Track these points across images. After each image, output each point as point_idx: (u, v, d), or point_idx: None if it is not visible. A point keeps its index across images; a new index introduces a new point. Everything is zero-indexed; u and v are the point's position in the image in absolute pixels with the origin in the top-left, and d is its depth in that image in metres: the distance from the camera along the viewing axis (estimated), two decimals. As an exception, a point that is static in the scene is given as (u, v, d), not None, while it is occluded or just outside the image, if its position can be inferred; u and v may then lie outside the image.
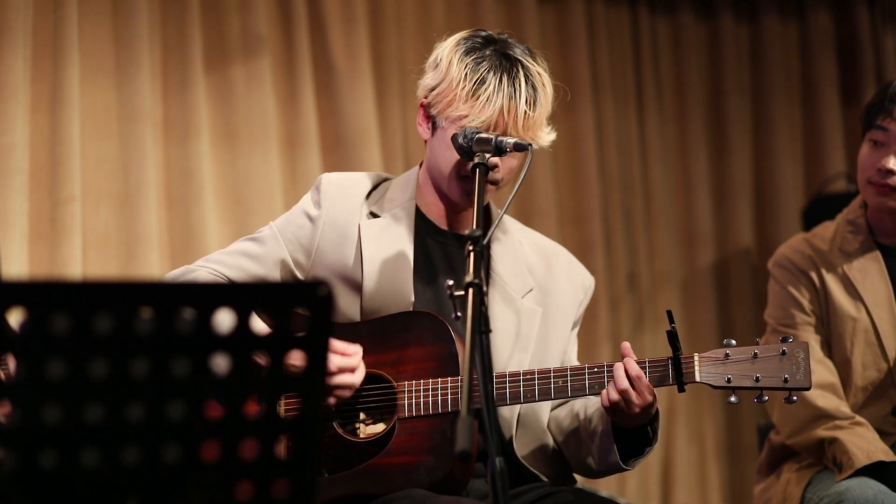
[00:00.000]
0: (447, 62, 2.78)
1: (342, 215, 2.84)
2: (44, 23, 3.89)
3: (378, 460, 2.66)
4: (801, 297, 3.39)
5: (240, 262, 2.83)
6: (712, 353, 2.66)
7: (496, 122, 2.71)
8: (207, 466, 1.49)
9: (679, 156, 5.22)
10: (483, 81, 2.72)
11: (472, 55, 2.76)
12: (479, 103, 2.71)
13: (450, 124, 2.76)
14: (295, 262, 2.83)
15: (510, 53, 2.77)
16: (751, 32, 5.38)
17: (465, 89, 2.73)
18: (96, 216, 3.96)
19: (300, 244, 2.83)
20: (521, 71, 2.74)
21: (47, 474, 1.44)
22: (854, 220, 3.43)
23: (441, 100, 2.77)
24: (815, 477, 3.29)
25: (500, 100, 2.70)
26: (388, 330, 2.73)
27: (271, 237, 2.85)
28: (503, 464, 2.08)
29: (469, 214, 2.89)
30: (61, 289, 1.45)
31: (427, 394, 2.66)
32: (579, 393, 2.67)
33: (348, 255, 2.80)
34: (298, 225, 2.84)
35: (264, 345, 1.50)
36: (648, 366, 2.64)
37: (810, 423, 3.28)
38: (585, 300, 3.00)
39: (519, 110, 2.71)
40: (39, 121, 3.86)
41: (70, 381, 1.43)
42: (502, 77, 2.72)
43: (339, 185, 2.87)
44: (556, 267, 2.97)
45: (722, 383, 2.65)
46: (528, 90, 2.73)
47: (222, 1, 4.24)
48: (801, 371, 2.64)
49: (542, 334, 2.87)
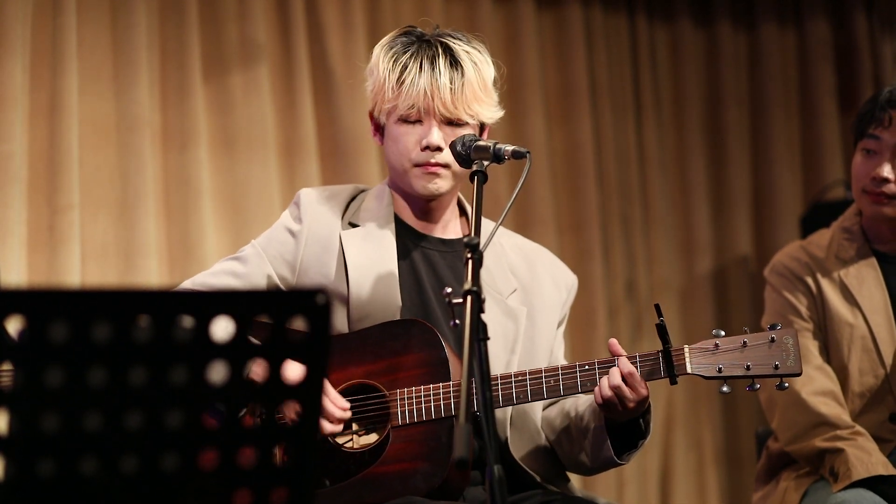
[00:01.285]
0: (375, 62, 2.84)
1: (323, 228, 2.84)
2: (42, 31, 3.89)
3: (374, 469, 2.66)
4: (799, 303, 3.39)
5: (225, 282, 2.83)
6: (702, 344, 2.65)
7: (424, 106, 2.75)
8: (206, 474, 1.49)
9: (677, 163, 5.23)
10: (405, 68, 2.76)
11: (395, 47, 2.81)
12: (403, 89, 2.75)
13: (387, 120, 2.82)
14: (280, 277, 2.83)
15: (433, 40, 2.81)
16: (749, 41, 5.39)
17: (390, 81, 2.77)
18: (95, 224, 3.96)
19: (284, 260, 2.84)
20: (442, 51, 2.77)
21: (46, 483, 1.43)
22: (850, 227, 3.43)
23: (377, 99, 2.83)
24: (812, 487, 3.28)
25: (422, 81, 2.74)
26: (377, 339, 2.73)
27: (254, 255, 2.85)
28: (501, 471, 2.08)
29: (446, 216, 2.91)
30: (60, 297, 1.46)
31: (420, 400, 2.66)
32: (571, 391, 2.67)
33: (331, 267, 2.81)
34: (281, 241, 2.85)
35: (263, 353, 1.50)
36: (639, 360, 2.65)
37: (810, 431, 3.28)
38: (570, 299, 3.01)
39: (442, 87, 2.73)
40: (38, 129, 3.86)
41: (68, 389, 1.43)
42: (423, 61, 2.76)
43: (318, 199, 2.89)
44: (538, 267, 2.97)
45: (713, 373, 2.63)
46: (450, 68, 2.75)
47: (221, 9, 4.25)
48: (791, 357, 2.62)
49: (528, 334, 2.87)
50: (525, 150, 2.63)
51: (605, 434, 2.71)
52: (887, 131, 3.28)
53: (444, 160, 2.77)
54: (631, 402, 2.61)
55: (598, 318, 4.88)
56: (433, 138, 2.75)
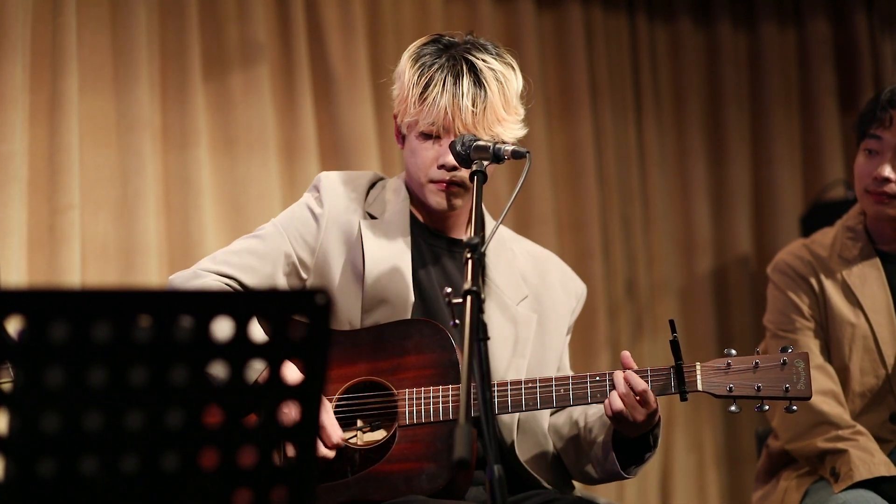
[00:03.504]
0: (402, 70, 2.82)
1: (344, 213, 2.85)
2: (42, 31, 3.89)
3: (379, 467, 2.66)
4: (801, 302, 3.39)
5: (247, 261, 2.82)
6: (714, 363, 2.68)
7: (444, 123, 2.74)
8: (206, 474, 1.49)
9: (677, 163, 5.23)
10: (430, 83, 2.75)
11: (423, 59, 2.79)
12: (425, 105, 2.74)
13: (409, 132, 2.81)
14: (299, 258, 2.83)
15: (461, 54, 2.78)
16: (749, 40, 5.39)
17: (414, 94, 2.76)
18: (95, 224, 3.96)
19: (304, 241, 2.83)
20: (468, 69, 2.75)
21: (46, 483, 1.43)
22: (853, 226, 3.43)
23: (401, 108, 2.82)
24: (812, 487, 3.28)
25: (444, 99, 2.72)
26: (387, 337, 2.74)
27: (275, 234, 2.85)
28: (502, 471, 2.08)
29: (460, 218, 2.92)
30: (60, 297, 1.46)
31: (428, 401, 2.66)
32: (581, 401, 2.68)
33: (349, 254, 2.81)
34: (302, 222, 2.85)
35: (263, 353, 1.50)
36: (650, 375, 2.65)
37: (811, 430, 3.28)
38: (578, 308, 3.02)
39: (463, 108, 2.71)
40: (38, 129, 3.86)
41: (69, 388, 1.43)
42: (447, 77, 2.74)
43: (339, 183, 2.89)
44: (549, 274, 2.98)
45: (724, 392, 2.67)
46: (473, 88, 2.73)
47: (221, 9, 4.25)
48: (801, 381, 2.66)
49: (538, 341, 2.88)
50: (525, 150, 2.63)
51: (611, 450, 2.73)
52: (888, 131, 3.28)
53: (460, 178, 2.77)
54: (641, 415, 2.63)
55: (599, 317, 4.88)
56: (449, 159, 2.73)
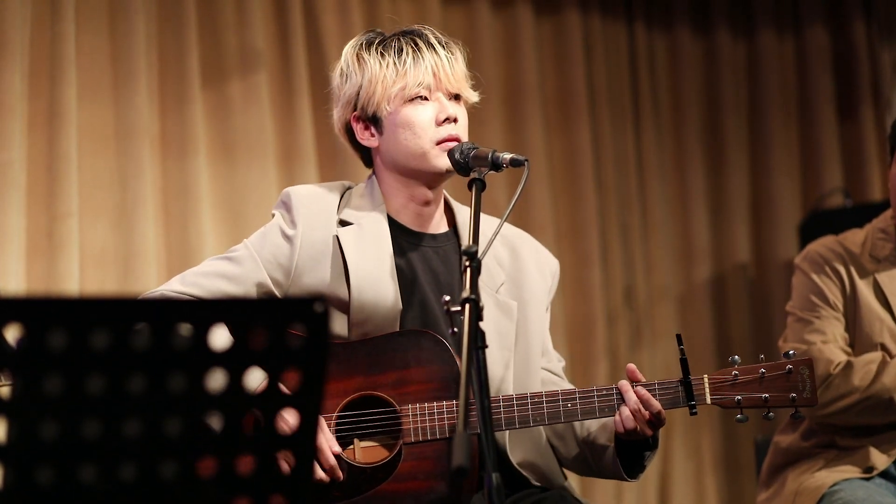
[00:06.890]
0: (356, 63, 2.81)
1: (318, 231, 2.77)
2: (41, 39, 3.90)
3: (387, 486, 2.62)
4: (827, 288, 3.40)
5: (217, 285, 2.75)
6: (720, 376, 2.69)
7: (433, 83, 2.76)
8: (204, 482, 1.49)
9: (676, 171, 5.23)
10: (400, 52, 2.76)
11: (375, 44, 2.81)
12: (408, 70, 2.75)
13: (396, 103, 2.77)
14: (274, 281, 2.75)
15: (408, 32, 2.82)
16: (747, 48, 5.40)
17: (388, 68, 2.76)
18: (94, 232, 3.96)
19: (278, 263, 2.76)
20: (426, 35, 2.80)
21: (45, 490, 1.43)
22: (885, 227, 3.45)
23: (372, 94, 2.78)
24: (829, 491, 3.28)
25: (426, 59, 2.75)
26: (386, 350, 2.68)
27: (248, 257, 2.77)
28: (500, 480, 2.08)
29: (435, 213, 2.87)
30: (58, 305, 1.46)
31: (433, 418, 2.62)
32: (589, 416, 2.67)
33: (327, 271, 2.75)
34: (275, 244, 2.77)
35: (261, 361, 1.50)
36: (658, 389, 2.66)
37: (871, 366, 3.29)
38: (554, 285, 2.98)
39: (445, 64, 2.76)
40: (37, 137, 3.87)
41: (67, 396, 1.44)
42: (416, 43, 2.78)
43: (310, 199, 2.82)
44: (523, 256, 2.93)
45: (731, 404, 2.70)
46: (441, 48, 2.78)
47: (219, 17, 4.25)
48: (807, 388, 2.69)
49: (521, 329, 2.83)
50: (523, 157, 2.62)
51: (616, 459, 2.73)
52: None
53: (459, 132, 2.77)
54: (651, 431, 2.66)
55: (597, 324, 4.88)
56: (451, 110, 2.75)
